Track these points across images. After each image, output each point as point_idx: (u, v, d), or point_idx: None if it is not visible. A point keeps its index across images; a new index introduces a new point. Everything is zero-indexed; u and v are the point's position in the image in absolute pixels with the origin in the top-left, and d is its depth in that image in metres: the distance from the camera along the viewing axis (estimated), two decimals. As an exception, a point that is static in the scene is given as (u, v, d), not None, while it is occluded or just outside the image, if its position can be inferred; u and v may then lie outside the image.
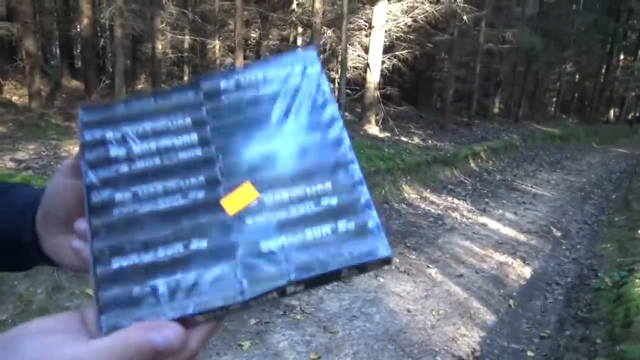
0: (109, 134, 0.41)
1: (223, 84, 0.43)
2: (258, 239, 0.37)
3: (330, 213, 0.38)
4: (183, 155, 0.40)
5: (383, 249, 0.36)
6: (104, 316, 0.36)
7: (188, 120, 0.41)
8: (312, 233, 0.37)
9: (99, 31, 14.55)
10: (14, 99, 10.41)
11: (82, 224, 0.43)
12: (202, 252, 0.37)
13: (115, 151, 0.40)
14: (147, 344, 0.33)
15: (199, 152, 0.40)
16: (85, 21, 11.00)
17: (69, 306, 3.67)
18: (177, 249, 0.37)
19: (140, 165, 0.40)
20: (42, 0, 12.28)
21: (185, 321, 0.36)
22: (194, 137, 0.41)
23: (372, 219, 0.38)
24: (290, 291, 0.36)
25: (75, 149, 5.80)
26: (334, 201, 0.38)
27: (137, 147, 0.40)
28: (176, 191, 0.39)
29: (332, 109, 0.43)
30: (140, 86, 14.96)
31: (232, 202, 0.38)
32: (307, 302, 4.43)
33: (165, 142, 0.41)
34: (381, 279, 5.09)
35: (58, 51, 18.09)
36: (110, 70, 14.06)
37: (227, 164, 0.40)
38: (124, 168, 0.40)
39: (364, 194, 0.39)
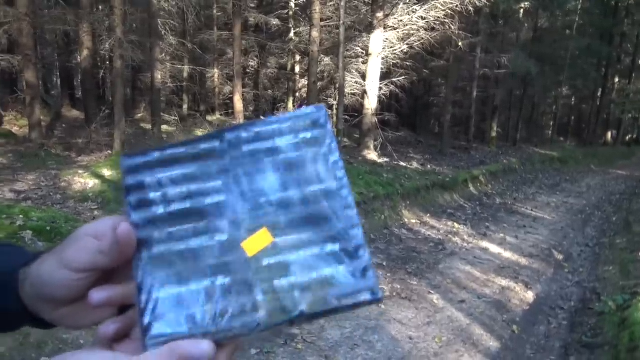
0: (147, 179, 0.47)
1: (244, 134, 0.48)
2: (272, 277, 0.43)
3: (332, 258, 0.43)
4: (209, 200, 0.46)
5: (375, 292, 0.43)
6: (147, 336, 0.43)
7: (214, 167, 0.47)
8: (317, 274, 0.43)
9: (99, 62, 14.72)
10: (15, 129, 10.46)
11: (99, 295, 0.47)
12: (226, 287, 0.43)
13: (153, 194, 0.46)
14: (189, 353, 0.40)
15: (222, 197, 0.46)
16: (86, 52, 11.14)
17: (67, 338, 3.62)
18: (205, 283, 0.43)
19: (174, 207, 0.46)
20: (43, 32, 12.44)
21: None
22: (218, 183, 0.47)
23: (367, 265, 0.43)
24: (297, 322, 0.42)
25: (75, 179, 5.77)
26: (336, 247, 0.44)
27: (171, 192, 0.46)
28: (204, 232, 0.45)
29: (337, 161, 0.48)
30: (139, 115, 15.07)
31: (251, 245, 0.44)
32: (309, 331, 4.37)
33: (195, 187, 0.46)
34: (382, 306, 5.03)
35: (59, 82, 18.29)
36: (110, 99, 14.18)
37: (247, 208, 0.45)
38: (161, 210, 0.46)
39: (361, 242, 0.45)
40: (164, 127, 11.41)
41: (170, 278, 0.44)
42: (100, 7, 13.08)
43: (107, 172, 7.32)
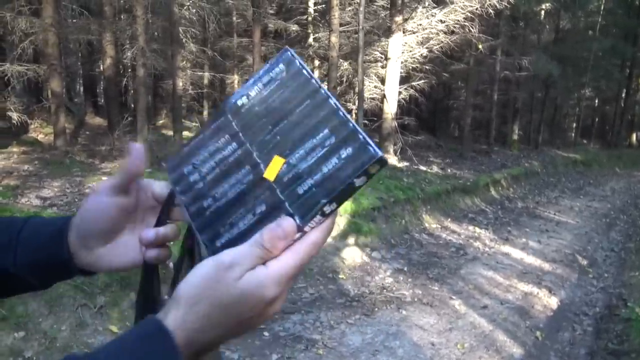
0: (185, 169, 0.60)
1: (239, 101, 0.60)
2: (295, 187, 0.51)
3: (333, 149, 0.51)
4: (231, 159, 0.57)
5: (373, 153, 0.49)
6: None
7: (227, 136, 0.58)
8: (327, 167, 0.51)
9: (121, 70, 14.96)
10: (40, 137, 10.69)
11: (148, 233, 0.60)
12: (265, 212, 0.52)
13: (192, 177, 0.59)
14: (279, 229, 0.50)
15: (239, 152, 0.57)
16: (109, 61, 11.34)
17: (92, 343, 3.68)
18: (249, 218, 0.53)
19: (209, 178, 0.58)
20: (67, 42, 12.71)
21: None
22: (234, 145, 0.58)
23: (360, 138, 0.50)
24: (327, 210, 0.50)
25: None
26: (333, 140, 0.52)
27: (204, 168, 0.58)
28: (236, 183, 0.55)
29: (313, 82, 0.56)
30: (161, 121, 15.26)
31: (270, 172, 0.53)
32: (330, 336, 4.38)
33: (219, 156, 0.58)
34: (404, 312, 5.02)
35: (82, 89, 18.62)
36: (132, 106, 14.39)
37: (260, 150, 0.56)
38: (201, 185, 0.58)
39: (351, 126, 0.51)
40: (185, 133, 11.54)
41: (225, 227, 0.54)
42: (122, 16, 13.29)
43: (130, 179, 7.42)
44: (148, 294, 0.63)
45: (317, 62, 15.05)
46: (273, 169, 0.53)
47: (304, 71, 0.57)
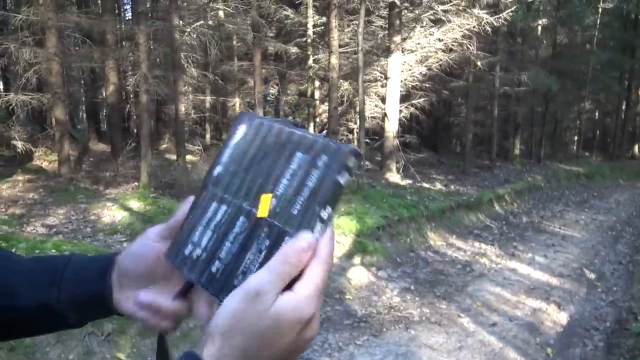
0: (186, 251, 0.62)
1: (215, 172, 0.63)
2: (290, 211, 0.53)
3: (311, 165, 0.54)
4: (224, 220, 0.59)
5: (345, 149, 0.52)
6: None
7: (214, 203, 0.61)
8: (311, 181, 0.53)
9: (124, 96, 15.10)
10: (44, 165, 10.76)
11: (145, 296, 0.62)
12: (270, 244, 0.53)
13: (195, 254, 0.61)
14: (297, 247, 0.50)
15: (230, 211, 0.59)
16: (112, 88, 11.46)
17: (100, 371, 3.67)
18: (257, 257, 0.54)
19: (210, 246, 0.59)
20: (70, 70, 12.86)
21: None
22: (223, 207, 0.60)
23: (331, 144, 0.53)
24: (325, 216, 0.52)
25: (104, 212, 5.88)
26: (308, 158, 0.54)
27: (203, 241, 0.60)
28: (236, 236, 0.57)
29: (274, 124, 0.59)
30: (164, 146, 15.34)
31: (262, 211, 0.55)
32: (338, 358, 4.35)
33: (213, 223, 0.60)
34: (412, 331, 4.98)
35: (85, 116, 18.80)
36: (135, 132, 14.48)
37: (247, 199, 0.58)
38: (204, 256, 0.59)
39: (320, 139, 0.54)
40: (188, 157, 11.59)
41: (238, 278, 0.54)
42: (125, 44, 13.46)
43: (134, 204, 7.45)
44: (159, 354, 0.65)
45: (317, 83, 15.18)
46: (264, 207, 0.55)
47: (264, 121, 0.61)
